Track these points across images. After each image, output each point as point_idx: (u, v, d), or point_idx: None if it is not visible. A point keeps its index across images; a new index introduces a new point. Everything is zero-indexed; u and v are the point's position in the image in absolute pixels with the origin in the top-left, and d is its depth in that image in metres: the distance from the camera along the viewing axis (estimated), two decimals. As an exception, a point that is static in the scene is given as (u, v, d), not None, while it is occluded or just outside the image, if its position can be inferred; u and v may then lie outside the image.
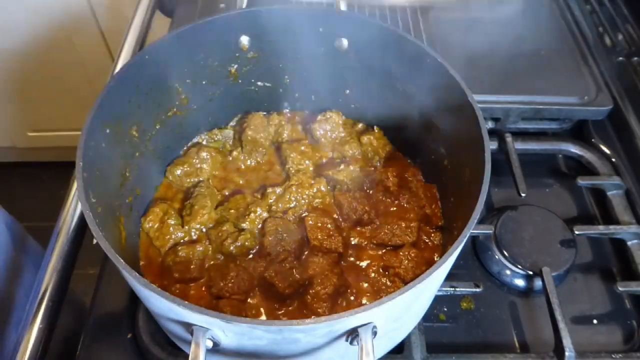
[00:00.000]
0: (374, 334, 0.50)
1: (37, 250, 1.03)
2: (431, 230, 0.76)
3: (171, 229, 0.74)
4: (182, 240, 0.74)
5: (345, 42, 0.79)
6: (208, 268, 0.71)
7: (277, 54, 0.82)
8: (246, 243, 0.73)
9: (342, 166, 0.80)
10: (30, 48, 1.77)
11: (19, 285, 0.90)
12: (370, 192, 0.80)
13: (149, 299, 0.53)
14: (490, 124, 0.97)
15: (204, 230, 0.75)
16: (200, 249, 0.73)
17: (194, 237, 0.75)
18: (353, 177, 0.79)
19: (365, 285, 0.71)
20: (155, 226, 0.75)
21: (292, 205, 0.77)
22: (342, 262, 0.73)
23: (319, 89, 0.87)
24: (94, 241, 0.75)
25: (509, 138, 0.94)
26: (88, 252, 0.76)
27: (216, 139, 0.87)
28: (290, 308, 0.68)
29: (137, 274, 0.50)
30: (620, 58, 1.06)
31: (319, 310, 0.67)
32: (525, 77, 0.99)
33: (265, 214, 0.76)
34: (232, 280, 0.68)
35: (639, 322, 0.78)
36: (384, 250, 0.74)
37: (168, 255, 0.72)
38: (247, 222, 0.75)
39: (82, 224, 0.78)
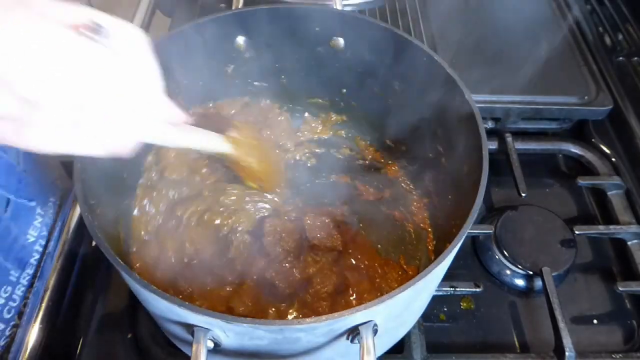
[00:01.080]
0: (375, 332, 0.50)
1: None
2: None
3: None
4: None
5: (341, 41, 0.79)
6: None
7: (273, 53, 0.82)
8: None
9: None
10: (30, 48, 1.76)
11: None
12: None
13: (149, 300, 0.53)
14: (490, 124, 0.97)
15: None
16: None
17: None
18: None
19: (365, 283, 0.71)
20: (154, 227, 0.74)
21: None
22: (342, 261, 0.73)
23: (316, 88, 0.87)
24: (93, 243, 0.76)
25: (509, 138, 0.94)
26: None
27: None
28: (291, 307, 0.68)
29: (137, 276, 0.50)
30: (620, 58, 1.06)
31: (319, 309, 0.67)
32: (525, 77, 0.99)
33: None
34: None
35: (639, 322, 0.78)
36: None
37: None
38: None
39: (82, 224, 0.78)
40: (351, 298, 0.69)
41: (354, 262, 0.73)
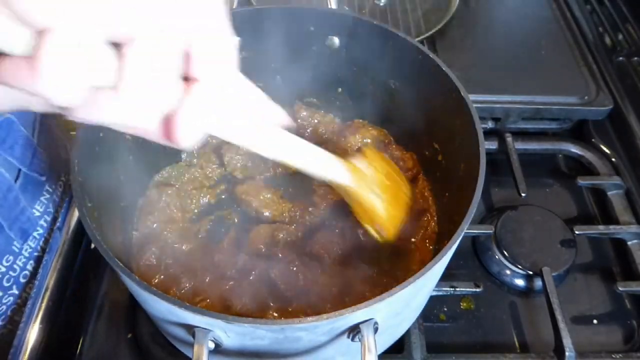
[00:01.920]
0: (375, 330, 0.50)
1: None
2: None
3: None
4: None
5: (336, 40, 0.79)
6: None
7: (268, 53, 0.81)
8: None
9: None
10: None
11: None
12: None
13: (148, 302, 0.53)
14: (490, 124, 0.97)
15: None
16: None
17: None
18: None
19: (365, 281, 0.71)
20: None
21: None
22: (341, 259, 0.73)
23: (311, 87, 0.87)
24: (92, 245, 0.75)
25: (509, 138, 0.94)
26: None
27: None
28: (291, 307, 0.68)
29: (136, 277, 0.50)
30: (620, 58, 1.06)
31: (320, 308, 0.66)
32: (525, 77, 0.99)
33: None
34: None
35: (639, 322, 0.78)
36: None
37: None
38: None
39: (81, 224, 0.78)
40: (352, 296, 0.69)
41: (353, 260, 0.73)
